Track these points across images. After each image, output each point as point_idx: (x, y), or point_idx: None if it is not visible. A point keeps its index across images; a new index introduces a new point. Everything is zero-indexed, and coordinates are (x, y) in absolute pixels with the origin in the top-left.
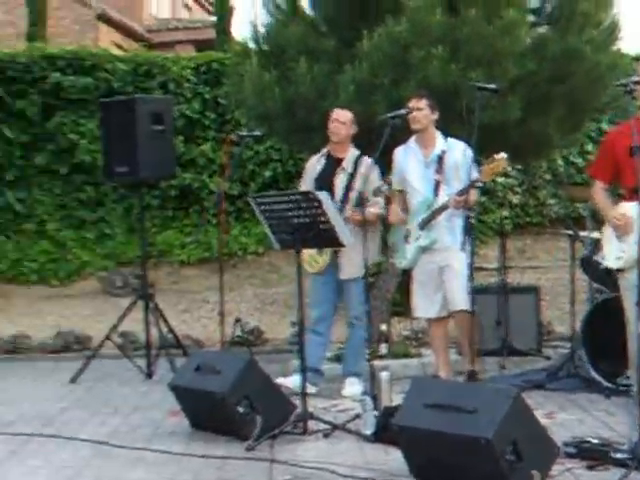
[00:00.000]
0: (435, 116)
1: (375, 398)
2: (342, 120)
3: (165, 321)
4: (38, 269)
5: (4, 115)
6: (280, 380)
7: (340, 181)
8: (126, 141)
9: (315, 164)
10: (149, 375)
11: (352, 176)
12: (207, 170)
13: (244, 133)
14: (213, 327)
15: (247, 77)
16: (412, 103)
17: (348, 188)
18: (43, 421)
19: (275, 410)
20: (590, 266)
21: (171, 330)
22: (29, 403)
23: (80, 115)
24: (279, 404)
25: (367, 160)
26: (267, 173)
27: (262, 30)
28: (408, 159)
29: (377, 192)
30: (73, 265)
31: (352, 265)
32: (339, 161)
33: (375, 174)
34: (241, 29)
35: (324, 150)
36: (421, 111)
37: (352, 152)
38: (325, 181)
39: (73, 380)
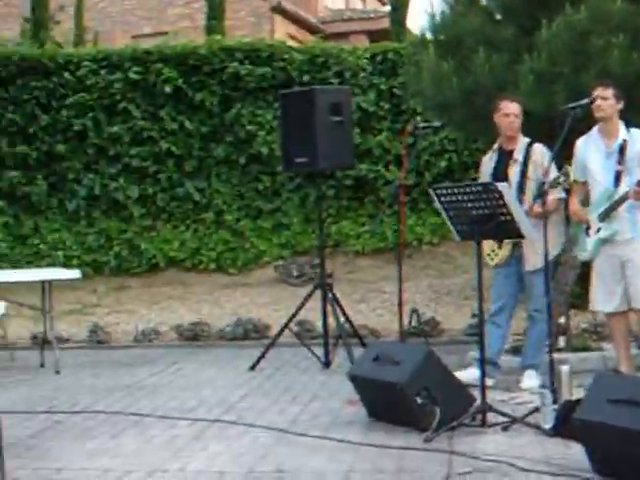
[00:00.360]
0: (620, 106)
1: (554, 391)
2: (516, 113)
3: (342, 311)
4: (216, 258)
5: (184, 107)
6: (456, 374)
7: (514, 172)
8: (305, 132)
9: (488, 161)
10: (327, 364)
11: (525, 165)
12: (382, 161)
13: (423, 124)
14: (388, 317)
15: (425, 67)
16: (597, 92)
17: (522, 177)
18: (224, 408)
19: (454, 402)
20: None
21: (348, 319)
22: (210, 390)
23: (258, 106)
24: (458, 396)
25: (538, 147)
26: (442, 163)
27: (439, 20)
28: (589, 149)
29: (554, 184)
30: (250, 254)
31: (536, 256)
32: (511, 153)
33: (547, 159)
34: (414, 19)
35: (495, 146)
36: (606, 100)
37: (522, 141)
38: (500, 175)
39: (252, 368)
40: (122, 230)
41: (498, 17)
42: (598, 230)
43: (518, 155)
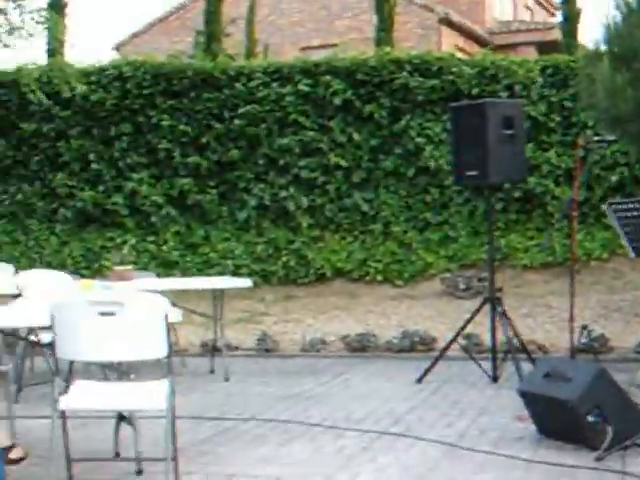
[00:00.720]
0: None
1: None
2: None
3: (511, 325)
4: (383, 269)
5: (353, 119)
6: None
7: None
8: (476, 145)
9: None
10: (495, 378)
11: None
12: (552, 175)
13: (597, 137)
14: (556, 333)
15: (599, 80)
16: None
17: None
18: (392, 419)
19: (626, 421)
20: None
21: (517, 334)
22: (378, 401)
23: (426, 118)
24: (631, 414)
25: None
26: (613, 177)
27: (613, 31)
28: None
29: None
30: (417, 266)
31: None
32: None
33: None
34: (585, 30)
35: None
36: None
37: None
38: None
39: (420, 380)
40: (290, 240)
41: None
42: None
43: None
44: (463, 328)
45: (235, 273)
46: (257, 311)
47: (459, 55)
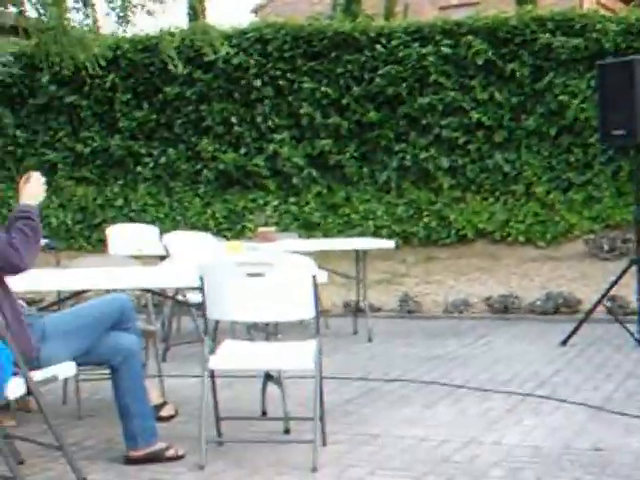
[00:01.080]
0: None
1: None
2: None
3: None
4: (525, 230)
5: (494, 78)
6: None
7: None
8: (624, 103)
9: None
10: None
11: None
12: None
13: None
14: None
15: None
16: None
17: None
18: (537, 382)
19: None
20: None
21: None
22: (522, 363)
23: (570, 76)
24: None
25: None
26: None
27: None
28: None
29: None
30: (560, 227)
31: None
32: None
33: None
34: None
35: None
36: None
37: None
38: None
39: (564, 342)
40: (431, 201)
41: None
42: None
43: None
44: (609, 290)
45: (376, 234)
46: (398, 272)
47: (602, 12)
